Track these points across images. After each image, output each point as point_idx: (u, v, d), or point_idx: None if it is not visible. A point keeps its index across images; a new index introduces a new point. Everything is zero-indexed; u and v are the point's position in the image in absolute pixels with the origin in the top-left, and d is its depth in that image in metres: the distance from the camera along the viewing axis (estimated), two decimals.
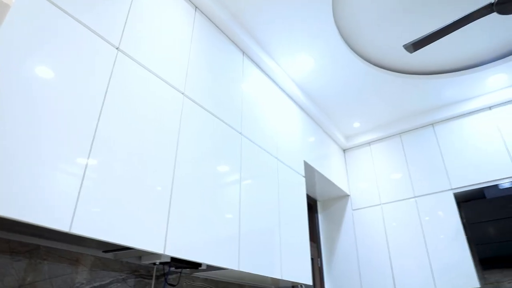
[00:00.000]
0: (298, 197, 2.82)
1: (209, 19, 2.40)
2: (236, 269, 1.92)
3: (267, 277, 2.21)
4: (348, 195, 4.00)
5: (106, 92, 1.51)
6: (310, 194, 3.96)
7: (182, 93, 1.94)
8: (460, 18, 2.26)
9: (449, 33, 2.34)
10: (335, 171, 3.80)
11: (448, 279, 3.19)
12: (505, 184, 3.29)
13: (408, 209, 3.61)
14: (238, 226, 2.03)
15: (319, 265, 3.77)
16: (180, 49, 2.03)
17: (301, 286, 2.67)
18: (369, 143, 4.14)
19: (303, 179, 3.00)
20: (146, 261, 1.75)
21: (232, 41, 2.59)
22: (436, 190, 3.55)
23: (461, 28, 2.68)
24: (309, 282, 2.58)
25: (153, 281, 1.87)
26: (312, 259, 3.67)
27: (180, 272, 2.06)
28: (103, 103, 1.48)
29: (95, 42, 1.54)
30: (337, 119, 3.89)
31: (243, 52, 2.69)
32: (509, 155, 3.33)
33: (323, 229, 3.99)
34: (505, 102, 3.54)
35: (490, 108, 3.60)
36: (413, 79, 3.34)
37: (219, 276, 2.28)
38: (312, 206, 4.05)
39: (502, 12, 2.19)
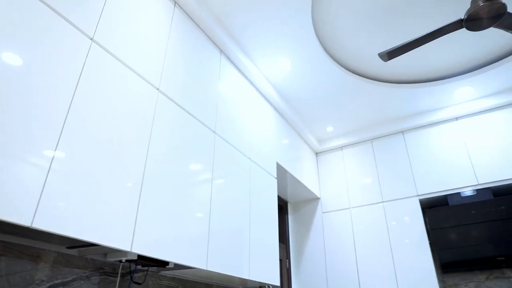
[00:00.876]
0: (269, 198, 2.84)
1: (188, 15, 2.37)
2: (204, 268, 1.91)
3: (235, 277, 2.21)
4: (319, 198, 4.06)
5: (77, 84, 1.47)
6: (281, 196, 4.00)
7: (157, 89, 1.91)
8: (432, 31, 2.34)
9: (422, 44, 2.41)
10: (306, 174, 3.84)
11: (410, 282, 3.29)
12: (467, 192, 3.43)
13: (376, 214, 3.70)
14: (208, 225, 2.02)
15: (287, 266, 3.80)
16: (157, 44, 2.00)
17: (268, 286, 2.69)
18: (341, 147, 4.22)
19: (275, 181, 3.02)
20: (111, 258, 1.71)
21: (211, 40, 2.57)
22: (403, 196, 3.66)
23: (434, 40, 2.78)
24: (277, 283, 2.60)
25: (118, 279, 1.83)
26: (280, 260, 3.70)
27: (147, 271, 2.02)
28: (73, 94, 1.44)
29: (69, 31, 1.49)
30: (311, 123, 3.94)
31: (221, 51, 2.68)
32: (472, 165, 3.48)
33: (293, 230, 4.03)
34: (470, 114, 3.69)
35: (456, 119, 3.75)
36: (387, 87, 3.43)
37: (187, 275, 2.25)
38: (282, 207, 4.08)
39: (470, 28, 2.29)
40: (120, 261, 1.79)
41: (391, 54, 2.50)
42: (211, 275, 2.23)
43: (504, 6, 2.14)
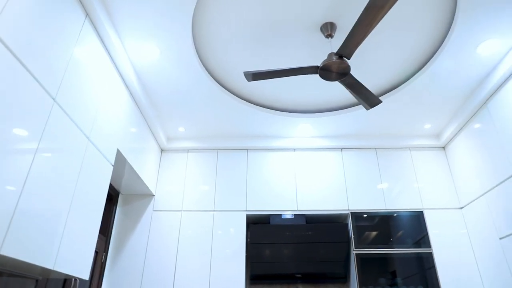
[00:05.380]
0: (99, 185, 2.62)
1: None
2: None
3: (37, 266, 1.93)
4: (153, 195, 3.96)
5: None
6: (114, 185, 3.74)
7: None
8: (294, 68, 2.60)
9: (283, 76, 2.66)
10: (147, 168, 3.71)
11: None
12: (287, 215, 3.87)
13: (205, 221, 3.82)
14: (16, 202, 1.72)
15: (103, 260, 3.55)
16: None
17: (75, 280, 2.44)
18: (187, 150, 4.24)
19: (111, 168, 2.81)
20: None
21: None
22: (234, 208, 3.89)
23: (295, 76, 3.10)
24: (86, 276, 2.38)
25: None
26: (96, 252, 3.42)
27: None
28: None
29: None
30: (164, 118, 3.85)
31: (87, 15, 2.38)
32: (296, 192, 3.96)
33: (118, 223, 3.81)
34: (305, 149, 4.23)
35: (294, 150, 4.23)
36: (244, 105, 3.64)
37: None
38: (113, 197, 3.82)
39: (322, 77, 2.64)
40: None
41: (255, 76, 2.67)
42: (5, 261, 1.89)
43: (348, 67, 2.55)
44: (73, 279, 2.28)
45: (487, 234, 3.41)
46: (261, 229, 3.71)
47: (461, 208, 3.87)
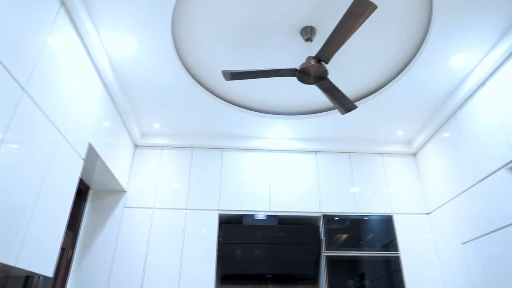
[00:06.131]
0: (69, 180, 2.54)
1: None
2: None
3: None
4: (125, 191, 3.88)
5: None
6: (85, 180, 3.64)
7: None
8: (272, 69, 2.61)
9: (262, 77, 2.66)
10: (119, 164, 3.63)
11: None
12: (259, 216, 3.88)
13: (177, 219, 3.77)
14: None
15: (69, 256, 3.45)
16: None
17: (38, 277, 2.35)
18: (162, 147, 4.18)
19: (82, 162, 2.73)
20: None
21: None
22: (207, 207, 3.86)
23: (275, 78, 3.12)
24: (50, 274, 2.31)
25: None
26: (63, 248, 3.32)
27: None
28: None
29: None
30: (139, 114, 3.78)
31: (63, 4, 2.31)
32: (270, 193, 3.98)
33: (87, 219, 3.70)
34: (280, 150, 4.25)
35: (269, 151, 4.24)
36: (221, 104, 3.62)
37: None
38: (83, 192, 3.71)
39: (300, 79, 2.66)
40: None
41: (233, 76, 2.66)
42: None
43: (326, 71, 2.58)
44: (36, 276, 2.21)
45: (451, 239, 3.53)
46: (233, 229, 3.71)
47: (428, 213, 3.99)
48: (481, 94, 3.11)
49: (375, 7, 2.04)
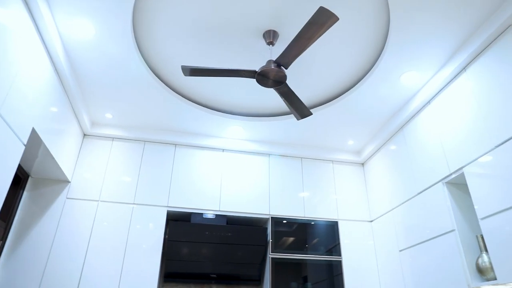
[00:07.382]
0: (5, 166, 2.36)
1: None
2: None
3: None
4: (69, 182, 3.68)
5: None
6: (24, 167, 3.41)
7: None
8: (232, 69, 2.61)
9: (221, 76, 2.65)
10: (65, 153, 3.45)
11: (131, 285, 3.35)
12: (208, 215, 3.86)
13: (123, 214, 3.65)
14: None
15: (0, 248, 3.21)
16: None
17: None
18: (112, 138, 4.03)
19: (23, 148, 2.56)
20: None
21: None
22: (155, 203, 3.77)
23: (235, 78, 3.11)
24: None
25: None
26: None
27: None
28: None
29: None
30: (91, 101, 3.62)
31: None
32: (220, 192, 3.97)
33: (24, 209, 3.47)
34: (234, 151, 4.26)
35: (223, 150, 4.23)
36: (178, 99, 3.56)
37: None
38: (21, 180, 3.47)
39: (259, 82, 2.68)
40: None
41: (192, 72, 2.63)
42: None
43: (285, 76, 2.63)
44: None
45: (389, 247, 3.73)
46: (180, 226, 3.65)
47: (371, 221, 4.18)
48: (425, 112, 3.31)
49: (337, 19, 2.11)
